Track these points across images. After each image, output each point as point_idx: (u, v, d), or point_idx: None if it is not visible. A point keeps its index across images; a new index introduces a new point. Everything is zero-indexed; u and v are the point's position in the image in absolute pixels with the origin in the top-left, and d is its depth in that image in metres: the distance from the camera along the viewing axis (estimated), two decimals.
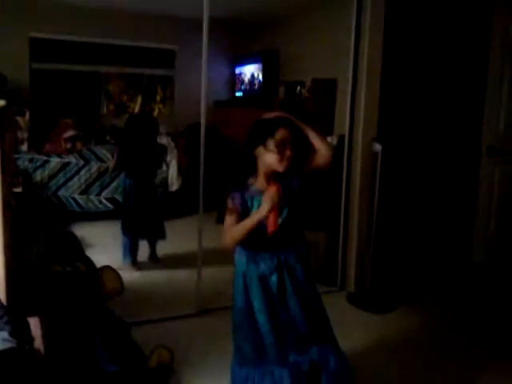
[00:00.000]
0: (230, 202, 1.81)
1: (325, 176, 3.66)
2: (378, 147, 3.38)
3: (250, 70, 6.08)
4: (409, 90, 3.72)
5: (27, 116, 5.12)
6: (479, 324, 3.14)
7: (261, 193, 1.78)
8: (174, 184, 4.90)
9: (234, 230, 1.78)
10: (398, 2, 3.49)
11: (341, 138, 3.57)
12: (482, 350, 2.80)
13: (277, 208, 1.72)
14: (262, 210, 1.72)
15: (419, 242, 3.85)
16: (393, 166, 3.58)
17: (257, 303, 1.85)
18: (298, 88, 5.17)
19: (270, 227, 1.73)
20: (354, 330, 2.98)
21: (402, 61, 3.64)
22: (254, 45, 6.09)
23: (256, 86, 5.98)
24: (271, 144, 1.76)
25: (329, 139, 3.65)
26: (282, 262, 1.85)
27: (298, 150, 1.80)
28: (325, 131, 3.84)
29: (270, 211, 1.70)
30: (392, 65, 3.54)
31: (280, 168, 1.77)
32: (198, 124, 3.16)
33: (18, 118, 5.00)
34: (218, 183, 3.22)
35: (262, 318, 1.85)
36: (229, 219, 1.81)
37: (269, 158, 1.77)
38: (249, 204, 1.81)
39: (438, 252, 3.92)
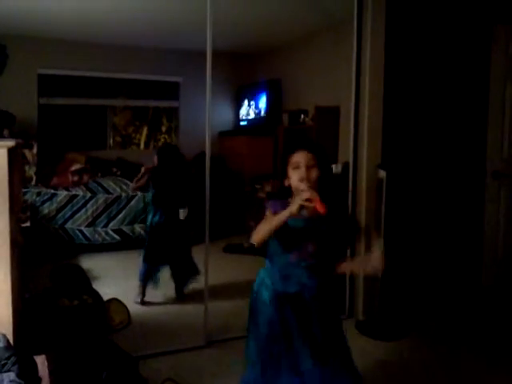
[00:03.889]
0: (268, 211, 1.86)
1: (331, 203, 3.66)
2: (382, 173, 3.39)
3: (254, 100, 6.16)
4: (412, 115, 3.74)
5: (35, 149, 5.20)
6: (487, 349, 3.08)
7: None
8: (181, 214, 4.91)
9: (260, 227, 1.81)
10: (398, 28, 3.55)
11: (345, 165, 3.59)
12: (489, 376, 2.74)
13: (315, 198, 1.74)
14: (291, 206, 1.75)
15: (428, 267, 3.82)
16: (398, 191, 3.58)
17: (288, 315, 1.87)
18: (302, 116, 5.22)
19: (320, 209, 1.74)
20: (362, 358, 2.92)
21: (405, 86, 3.68)
22: (258, 74, 6.18)
23: (260, 115, 6.05)
24: (290, 166, 1.88)
25: (333, 167, 3.67)
26: (305, 288, 1.88)
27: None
28: (329, 159, 3.86)
29: (308, 202, 1.73)
30: (394, 90, 3.58)
31: (302, 186, 1.81)
32: (204, 154, 3.19)
33: (26, 152, 5.06)
34: (224, 212, 3.21)
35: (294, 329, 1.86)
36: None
37: (292, 177, 1.87)
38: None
39: (447, 277, 3.88)
